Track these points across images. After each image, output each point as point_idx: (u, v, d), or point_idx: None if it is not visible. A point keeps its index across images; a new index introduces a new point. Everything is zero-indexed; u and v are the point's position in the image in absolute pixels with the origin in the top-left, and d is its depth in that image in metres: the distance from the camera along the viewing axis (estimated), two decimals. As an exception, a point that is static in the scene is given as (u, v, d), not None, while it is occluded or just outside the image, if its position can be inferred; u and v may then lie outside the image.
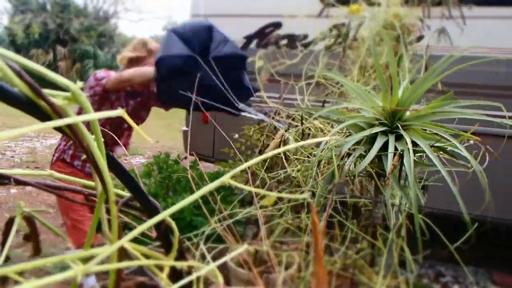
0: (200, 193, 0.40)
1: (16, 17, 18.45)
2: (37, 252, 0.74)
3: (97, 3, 20.67)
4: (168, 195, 3.38)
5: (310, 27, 2.52)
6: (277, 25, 3.46)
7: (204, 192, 0.40)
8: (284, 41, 3.36)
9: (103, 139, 0.45)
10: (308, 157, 1.32)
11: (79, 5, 19.65)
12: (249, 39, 3.64)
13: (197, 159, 3.52)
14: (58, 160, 2.67)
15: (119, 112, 0.36)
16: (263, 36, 3.54)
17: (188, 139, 1.46)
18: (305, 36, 3.13)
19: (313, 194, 1.26)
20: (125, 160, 7.13)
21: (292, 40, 3.27)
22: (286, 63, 2.23)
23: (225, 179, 0.40)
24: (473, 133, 1.04)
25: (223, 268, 2.15)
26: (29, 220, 0.71)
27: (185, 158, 4.03)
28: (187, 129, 3.97)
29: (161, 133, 9.69)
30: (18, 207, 0.68)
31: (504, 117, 1.03)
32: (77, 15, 18.81)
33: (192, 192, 3.03)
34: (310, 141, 0.35)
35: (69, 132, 0.43)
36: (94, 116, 0.38)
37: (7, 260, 0.69)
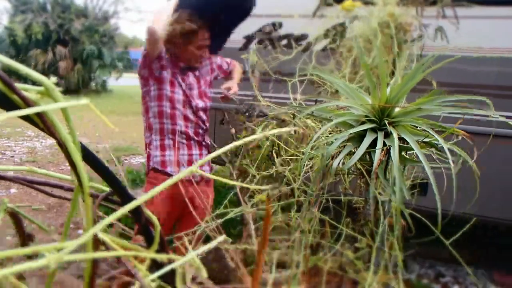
0: (171, 182, 0.40)
1: (17, 17, 18.52)
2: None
3: (97, 3, 20.71)
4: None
5: (309, 27, 2.52)
6: (277, 25, 3.47)
7: (173, 181, 0.41)
8: (284, 41, 3.36)
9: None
10: (297, 155, 1.32)
11: (80, 5, 19.71)
12: (249, 39, 3.65)
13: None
14: (150, 170, 2.48)
15: (85, 102, 0.36)
16: (262, 36, 3.55)
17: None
18: (304, 36, 3.13)
19: (305, 192, 1.26)
20: (125, 160, 7.14)
21: (291, 40, 3.28)
22: (278, 61, 2.24)
23: (193, 168, 0.40)
24: (466, 132, 1.05)
25: (223, 268, 2.15)
26: (14, 216, 0.71)
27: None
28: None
29: (162, 133, 9.68)
30: (2, 203, 0.68)
31: (492, 115, 1.04)
32: (77, 15, 18.88)
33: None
34: (274, 131, 0.35)
35: (42, 125, 0.43)
36: (62, 105, 0.38)
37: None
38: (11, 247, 3.47)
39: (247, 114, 2.38)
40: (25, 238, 0.81)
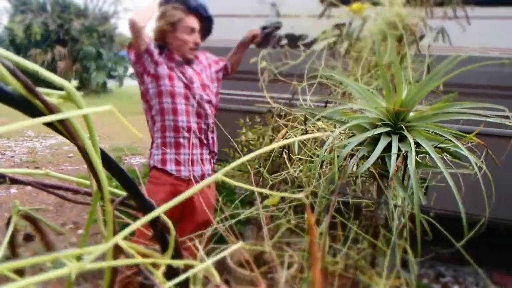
0: (193, 191, 0.39)
1: (16, 17, 18.47)
2: (49, 247, 0.73)
3: (97, 3, 20.64)
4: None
5: (311, 27, 2.51)
6: (277, 25, 3.46)
7: (196, 190, 0.39)
8: (285, 41, 3.36)
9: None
10: (311, 157, 1.30)
11: (79, 5, 19.66)
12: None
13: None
14: (151, 169, 2.43)
15: (108, 108, 0.35)
16: (263, 36, 3.54)
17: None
18: (306, 36, 3.12)
19: (316, 195, 1.25)
20: (125, 160, 7.13)
21: (293, 40, 3.27)
22: (289, 63, 2.22)
23: (219, 175, 0.39)
24: (477, 134, 1.03)
25: (223, 268, 2.14)
26: (30, 218, 0.70)
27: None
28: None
29: (162, 133, 9.65)
30: (14, 206, 0.67)
31: (507, 117, 1.02)
32: (77, 15, 18.83)
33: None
34: (306, 136, 0.34)
35: (64, 131, 0.42)
36: (86, 111, 0.37)
37: (8, 259, 0.68)
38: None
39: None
40: (46, 238, 0.79)
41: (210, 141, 2.55)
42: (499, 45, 2.70)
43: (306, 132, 1.27)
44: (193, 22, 2.44)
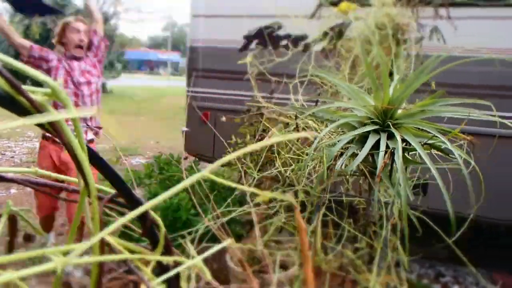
0: (181, 187, 0.40)
1: (16, 17, 18.48)
2: (10, 250, 0.73)
3: (97, 4, 20.59)
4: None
5: (310, 27, 2.52)
6: (277, 26, 3.47)
7: (184, 186, 0.40)
8: (284, 42, 3.36)
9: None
10: (300, 156, 1.31)
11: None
12: (249, 39, 3.65)
13: (197, 159, 3.54)
14: (41, 138, 3.20)
15: (94, 111, 0.36)
16: (262, 36, 3.54)
17: (183, 139, 1.46)
18: (304, 37, 3.13)
19: (308, 193, 1.26)
20: (125, 160, 7.12)
21: (291, 40, 3.28)
22: (275, 61, 2.24)
23: (205, 173, 0.40)
24: (467, 133, 1.04)
25: (223, 268, 2.15)
26: (11, 218, 0.71)
27: (186, 158, 4.05)
28: (187, 129, 4.00)
29: (161, 133, 9.67)
30: (6, 206, 0.68)
31: (494, 116, 1.03)
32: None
33: (189, 192, 3.05)
34: (292, 135, 0.35)
35: (50, 128, 0.43)
36: (74, 113, 0.38)
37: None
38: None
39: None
40: (13, 242, 0.80)
41: (88, 117, 3.18)
42: (491, 45, 2.70)
43: (297, 129, 1.28)
44: (79, 25, 3.24)
